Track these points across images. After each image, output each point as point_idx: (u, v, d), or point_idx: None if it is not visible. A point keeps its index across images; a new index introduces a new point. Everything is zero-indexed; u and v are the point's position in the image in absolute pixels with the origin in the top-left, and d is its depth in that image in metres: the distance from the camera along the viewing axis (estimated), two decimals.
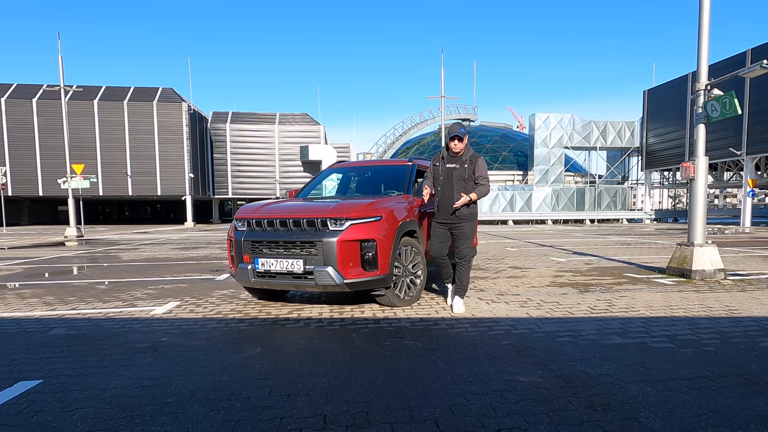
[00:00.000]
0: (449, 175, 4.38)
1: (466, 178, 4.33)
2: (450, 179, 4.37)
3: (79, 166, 18.78)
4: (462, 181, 4.33)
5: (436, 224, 4.52)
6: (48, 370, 2.97)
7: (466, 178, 4.33)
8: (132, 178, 30.61)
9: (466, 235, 4.40)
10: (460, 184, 4.33)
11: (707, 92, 6.29)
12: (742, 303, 4.77)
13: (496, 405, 2.35)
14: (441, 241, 4.48)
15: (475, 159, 4.40)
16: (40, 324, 4.18)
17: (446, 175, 4.39)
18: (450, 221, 4.42)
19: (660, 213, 33.00)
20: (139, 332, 3.84)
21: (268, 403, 2.42)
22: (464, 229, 4.40)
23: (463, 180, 4.33)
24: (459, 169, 4.34)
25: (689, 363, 2.97)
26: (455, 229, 4.42)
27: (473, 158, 4.40)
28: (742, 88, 21.32)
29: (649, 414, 2.24)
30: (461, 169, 4.34)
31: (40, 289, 6.08)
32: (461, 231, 4.40)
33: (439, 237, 4.49)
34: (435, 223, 4.53)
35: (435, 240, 4.51)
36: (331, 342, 3.51)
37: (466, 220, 4.39)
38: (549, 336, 3.59)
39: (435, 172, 4.50)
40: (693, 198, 6.48)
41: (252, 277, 4.38)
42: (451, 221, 4.41)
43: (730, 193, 54.62)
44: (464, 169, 4.34)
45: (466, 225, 4.40)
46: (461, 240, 4.41)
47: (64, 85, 18.78)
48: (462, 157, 4.40)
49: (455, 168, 4.36)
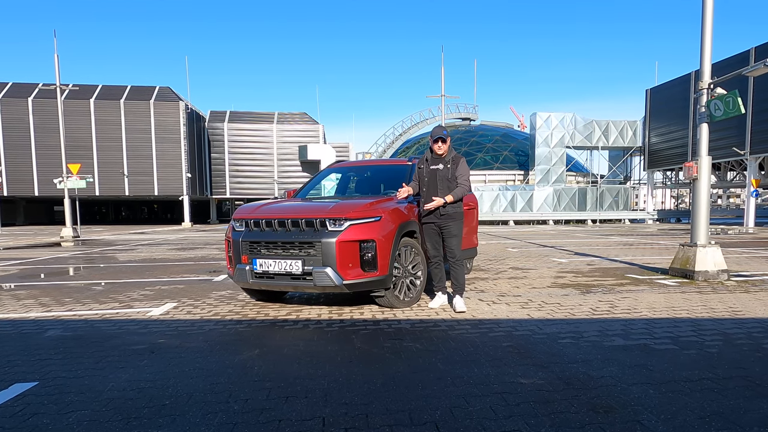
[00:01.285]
0: (433, 176, 4.54)
1: (450, 178, 4.50)
2: (434, 180, 4.53)
3: (75, 165, 18.55)
4: (446, 181, 4.49)
5: (426, 225, 4.66)
6: (44, 372, 2.95)
7: (450, 178, 4.50)
8: (129, 178, 30.43)
9: (454, 233, 4.54)
10: (444, 184, 4.49)
11: (710, 91, 6.24)
12: (746, 304, 4.74)
13: (497, 407, 2.33)
14: (434, 240, 4.62)
15: (457, 160, 4.57)
16: (35, 325, 4.16)
17: (431, 176, 4.55)
18: (438, 221, 4.56)
19: (662, 213, 32.93)
20: (135, 334, 3.82)
21: (266, 405, 2.40)
22: (452, 228, 4.54)
23: (446, 180, 4.49)
24: (443, 170, 4.52)
25: (692, 365, 2.94)
26: (443, 228, 4.56)
27: (455, 159, 4.58)
28: (745, 87, 21.22)
29: (652, 416, 2.22)
30: (444, 170, 4.52)
31: (36, 290, 6.06)
32: (449, 230, 4.54)
33: (431, 236, 4.63)
34: (425, 224, 4.66)
35: (428, 239, 4.66)
36: (330, 344, 3.48)
37: (453, 219, 4.54)
38: (550, 338, 3.56)
39: (420, 174, 4.65)
40: (696, 198, 6.44)
41: (250, 278, 4.37)
42: (439, 221, 4.55)
43: (733, 193, 54.47)
44: (447, 169, 4.52)
45: (453, 224, 4.55)
46: (450, 239, 4.55)
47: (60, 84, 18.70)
48: (445, 158, 4.57)
49: (439, 169, 4.53)
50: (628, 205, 32.74)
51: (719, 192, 47.91)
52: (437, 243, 4.61)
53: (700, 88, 6.33)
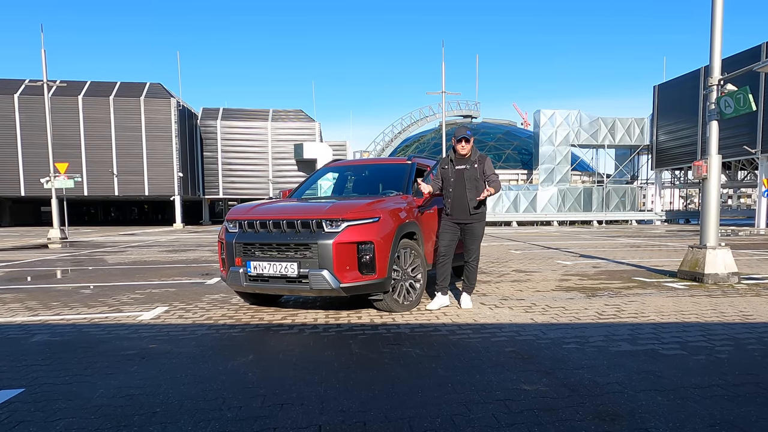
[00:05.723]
0: (460, 176, 4.57)
1: (478, 178, 4.55)
2: (462, 180, 4.56)
3: (62, 164, 18.07)
4: (474, 180, 4.54)
5: (448, 222, 4.66)
6: (30, 378, 2.89)
7: (478, 178, 4.55)
8: (118, 178, 29.40)
9: (477, 235, 4.63)
10: (472, 184, 4.54)
11: (720, 87, 6.11)
12: (757, 308, 4.65)
13: (500, 415, 2.29)
14: (451, 238, 4.63)
15: (483, 159, 4.63)
16: (22, 330, 4.09)
17: (457, 176, 4.58)
18: (465, 221, 4.60)
19: (671, 214, 32.54)
20: (125, 339, 3.76)
21: (260, 413, 2.36)
22: (476, 230, 4.62)
23: (474, 180, 4.54)
24: (470, 170, 4.56)
25: (701, 371, 2.89)
26: (469, 228, 4.60)
27: (481, 159, 4.62)
28: (756, 83, 20.83)
29: (660, 424, 2.17)
30: (472, 170, 4.56)
31: (22, 293, 5.95)
32: (473, 231, 4.61)
33: (449, 233, 4.64)
34: (447, 222, 4.66)
35: (446, 236, 4.64)
36: (327, 349, 3.43)
37: (478, 221, 4.62)
38: (555, 343, 3.50)
39: (444, 174, 4.68)
40: (705, 198, 6.33)
41: (244, 281, 4.30)
42: (466, 221, 4.59)
43: (744, 193, 53.86)
44: (474, 169, 4.56)
45: (477, 225, 4.62)
46: (471, 239, 4.62)
47: (47, 80, 18.31)
48: (470, 158, 4.60)
49: (466, 169, 4.57)
50: (635, 206, 32.43)
51: (729, 192, 47.39)
52: (453, 242, 4.63)
53: (710, 84, 6.21)
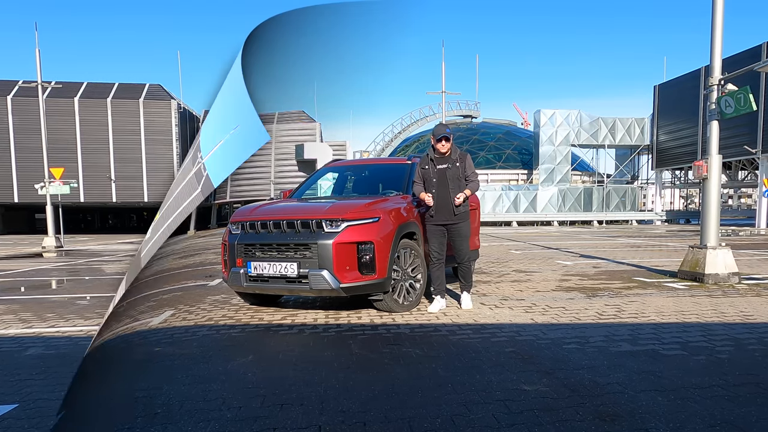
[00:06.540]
0: (443, 175, 4.48)
1: (460, 177, 4.49)
2: (444, 179, 4.47)
3: (58, 170, 17.46)
4: (456, 179, 4.48)
5: (433, 226, 4.58)
6: (24, 393, 2.81)
7: (460, 177, 4.49)
8: (116, 183, 27.87)
9: (464, 234, 4.56)
10: (455, 183, 4.47)
11: (721, 87, 6.11)
12: (758, 308, 4.64)
13: (500, 415, 2.29)
14: (440, 242, 4.57)
15: (464, 157, 4.57)
16: (15, 343, 3.98)
17: (439, 176, 4.49)
18: (450, 221, 4.51)
19: (671, 214, 32.49)
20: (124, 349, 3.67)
21: (260, 413, 2.35)
22: (462, 229, 4.55)
23: (457, 179, 4.48)
24: (452, 169, 4.48)
25: (702, 371, 2.89)
26: (454, 229, 4.52)
27: (462, 157, 4.56)
28: (757, 83, 20.75)
29: (660, 425, 2.17)
30: (454, 168, 4.48)
31: (16, 304, 5.77)
32: (459, 231, 4.53)
33: (437, 237, 4.57)
34: (432, 226, 4.59)
35: (434, 240, 4.58)
36: (327, 349, 3.43)
37: (464, 220, 4.55)
38: (555, 343, 3.50)
39: (425, 175, 4.57)
40: (706, 198, 6.33)
41: (244, 281, 4.31)
42: (450, 221, 4.51)
43: (744, 193, 53.74)
44: (456, 168, 4.49)
45: (463, 224, 4.55)
46: (459, 240, 4.55)
47: (41, 81, 17.64)
48: (451, 156, 4.52)
49: (448, 168, 4.48)
50: (635, 206, 32.37)
51: (730, 192, 47.27)
52: (443, 245, 4.56)
53: (711, 84, 6.20)
